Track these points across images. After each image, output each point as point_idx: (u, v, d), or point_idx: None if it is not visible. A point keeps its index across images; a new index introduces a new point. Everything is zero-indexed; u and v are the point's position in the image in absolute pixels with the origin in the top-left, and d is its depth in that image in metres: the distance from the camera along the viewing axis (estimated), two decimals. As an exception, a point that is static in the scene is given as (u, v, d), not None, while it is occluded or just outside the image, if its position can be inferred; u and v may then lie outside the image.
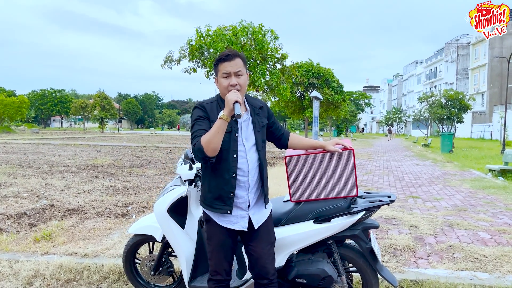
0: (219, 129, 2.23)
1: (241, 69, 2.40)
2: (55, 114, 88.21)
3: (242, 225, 2.48)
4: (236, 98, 2.23)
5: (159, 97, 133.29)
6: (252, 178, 2.46)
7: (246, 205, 2.47)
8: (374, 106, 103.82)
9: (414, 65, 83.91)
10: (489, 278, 3.66)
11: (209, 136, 2.24)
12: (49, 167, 11.83)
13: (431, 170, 12.77)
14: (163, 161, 14.75)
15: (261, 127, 2.51)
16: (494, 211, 6.40)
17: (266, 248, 2.53)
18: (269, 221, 2.61)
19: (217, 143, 2.25)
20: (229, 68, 2.37)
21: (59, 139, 32.36)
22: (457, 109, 29.61)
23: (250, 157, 2.44)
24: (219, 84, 2.44)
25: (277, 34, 14.68)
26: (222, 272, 2.57)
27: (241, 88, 2.40)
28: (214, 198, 2.45)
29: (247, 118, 2.48)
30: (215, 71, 2.47)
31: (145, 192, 7.99)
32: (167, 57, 14.64)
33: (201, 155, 2.28)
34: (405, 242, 4.57)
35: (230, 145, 2.38)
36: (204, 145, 2.24)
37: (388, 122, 72.55)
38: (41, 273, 3.83)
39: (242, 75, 2.41)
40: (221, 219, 2.50)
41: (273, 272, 2.55)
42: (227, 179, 2.40)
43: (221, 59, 2.40)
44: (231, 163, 2.39)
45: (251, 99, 2.61)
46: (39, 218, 5.69)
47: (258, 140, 2.47)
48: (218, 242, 2.54)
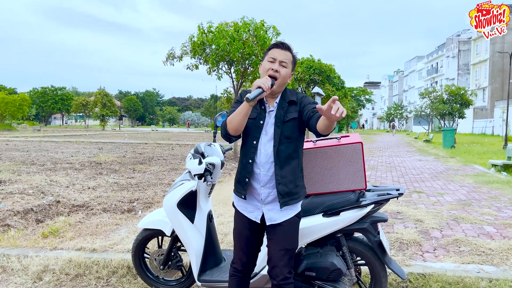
0: (241, 110, 2.28)
1: (288, 62, 2.41)
2: (56, 112, 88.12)
3: (255, 216, 2.48)
4: (262, 84, 2.21)
5: (159, 94, 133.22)
6: (266, 173, 2.39)
7: (259, 198, 2.44)
8: (375, 102, 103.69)
9: (415, 61, 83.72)
10: (495, 271, 3.68)
11: (233, 115, 2.33)
12: (53, 164, 11.86)
13: (433, 166, 12.78)
14: (166, 158, 14.78)
15: (283, 122, 2.40)
16: (499, 205, 6.42)
17: (279, 252, 2.44)
18: (289, 225, 2.46)
19: (237, 123, 2.31)
20: (277, 54, 2.39)
21: (60, 136, 32.40)
22: (458, 104, 29.57)
23: (265, 150, 2.40)
24: (262, 67, 2.44)
25: (279, 30, 14.69)
26: (238, 261, 2.59)
27: (279, 78, 2.37)
28: (237, 181, 2.52)
29: (272, 111, 2.45)
30: (264, 56, 2.48)
31: (150, 188, 8.01)
32: (169, 53, 14.62)
33: (224, 132, 2.41)
34: (411, 236, 4.59)
35: (251, 131, 2.41)
36: (228, 122, 2.37)
37: (389, 118, 72.48)
38: (50, 268, 3.86)
39: (286, 68, 2.40)
40: (240, 204, 2.54)
41: (283, 277, 2.43)
42: (244, 163, 2.45)
43: (274, 45, 2.44)
44: (250, 148, 2.42)
45: (289, 93, 2.51)
46: (46, 214, 5.72)
47: (276, 135, 2.38)
48: (237, 230, 2.59)
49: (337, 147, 2.90)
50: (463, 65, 58.77)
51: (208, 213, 3.37)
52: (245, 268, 2.60)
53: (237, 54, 13.26)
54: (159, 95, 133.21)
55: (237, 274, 2.60)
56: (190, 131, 61.33)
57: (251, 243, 2.56)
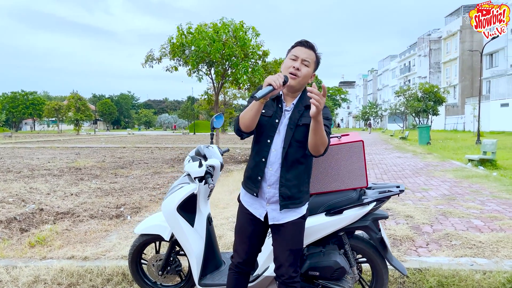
0: (252, 107, 2.24)
1: (311, 61, 2.34)
2: (27, 117, 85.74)
3: (260, 213, 2.46)
4: (273, 81, 2.12)
5: (135, 97, 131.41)
6: (274, 173, 2.37)
7: (265, 196, 2.42)
8: (350, 101, 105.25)
9: (389, 60, 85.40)
10: (488, 263, 3.77)
11: (244, 111, 2.30)
12: (30, 171, 11.50)
13: (413, 162, 13.05)
14: (147, 162, 14.56)
15: (296, 125, 2.33)
16: (482, 199, 6.60)
17: (283, 253, 2.45)
18: (294, 227, 2.44)
19: (248, 120, 2.27)
20: (300, 52, 2.33)
21: (34, 142, 31.48)
22: (432, 102, 30.34)
23: (276, 150, 2.36)
24: (284, 65, 2.37)
25: (258, 31, 14.72)
26: (236, 256, 2.57)
27: (301, 77, 2.32)
28: (247, 178, 2.49)
29: (288, 111, 2.39)
30: (287, 54, 2.42)
31: (135, 192, 7.87)
32: (148, 55, 14.43)
33: (237, 127, 2.38)
34: (403, 232, 4.66)
35: (265, 129, 2.36)
36: (240, 117, 2.33)
37: (364, 116, 73.68)
38: (41, 278, 3.72)
39: (308, 67, 2.33)
40: (246, 200, 2.51)
41: (288, 276, 2.45)
42: (257, 161, 2.41)
43: (299, 42, 2.38)
44: (263, 147, 2.38)
45: (307, 97, 2.36)
46: (30, 223, 5.53)
47: (287, 137, 2.33)
48: (239, 224, 2.56)
49: (338, 145, 2.90)
50: (434, 64, 60.29)
51: (207, 216, 3.33)
52: (244, 265, 2.57)
53: (217, 55, 13.21)
54: (134, 98, 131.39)
55: (235, 269, 2.59)
56: (168, 134, 60.66)
57: (252, 240, 2.53)
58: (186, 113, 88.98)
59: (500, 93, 39.20)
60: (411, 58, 69.62)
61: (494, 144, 11.61)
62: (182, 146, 25.09)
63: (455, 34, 53.19)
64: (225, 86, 15.71)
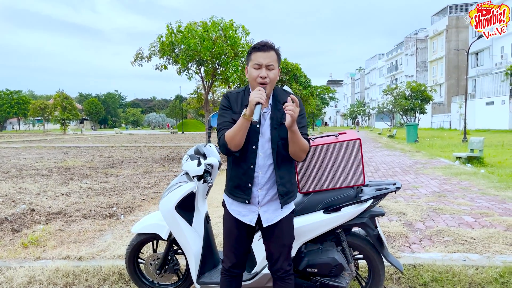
0: (241, 127, 2.21)
1: (274, 63, 2.32)
2: (11, 116, 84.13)
3: (250, 219, 2.45)
4: (259, 98, 2.14)
5: (122, 96, 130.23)
6: (263, 175, 2.39)
7: (256, 201, 2.42)
8: (338, 100, 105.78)
9: (376, 59, 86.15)
10: (480, 258, 3.85)
11: (231, 133, 2.24)
12: (18, 171, 11.34)
13: (402, 160, 13.20)
14: (136, 161, 14.47)
15: (279, 124, 2.36)
16: (471, 195, 6.71)
17: (278, 249, 2.50)
18: (286, 223, 2.50)
19: (240, 141, 2.25)
20: (262, 59, 2.29)
21: (19, 142, 31.01)
22: (419, 100, 30.70)
23: (263, 153, 2.37)
24: (249, 74, 2.36)
25: (248, 29, 14.73)
26: (227, 261, 2.57)
27: (270, 82, 2.32)
28: (234, 187, 2.45)
29: (266, 113, 2.39)
30: (247, 60, 2.40)
31: (126, 192, 7.82)
32: (137, 54, 14.33)
33: (225, 151, 2.31)
34: (396, 229, 4.73)
35: (250, 136, 2.33)
36: (227, 141, 2.26)
37: (352, 115, 74.19)
38: (36, 279, 3.69)
39: (274, 69, 2.32)
40: (233, 209, 2.48)
41: (285, 270, 2.51)
42: (245, 169, 2.38)
43: (255, 48, 2.32)
44: (250, 154, 2.36)
45: (280, 92, 2.45)
46: (22, 223, 5.46)
47: (273, 137, 2.36)
48: (227, 230, 2.55)
49: (336, 144, 2.93)
50: (421, 63, 61.01)
51: (205, 215, 3.33)
52: (235, 268, 2.58)
53: (207, 53, 13.17)
54: (122, 97, 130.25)
55: (227, 273, 2.60)
56: (156, 133, 60.29)
57: (242, 244, 2.54)
58: (174, 112, 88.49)
59: (486, 91, 39.86)
60: (398, 57, 70.34)
61: (481, 142, 11.80)
62: (171, 145, 24.96)
63: (441, 33, 53.89)
64: (215, 84, 15.67)
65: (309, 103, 32.97)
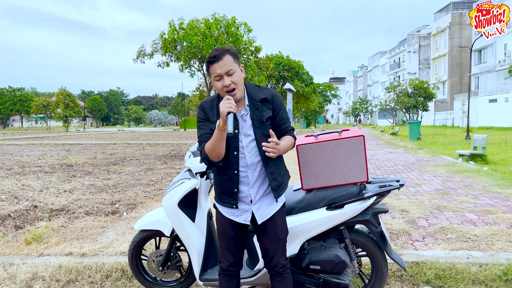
0: (218, 139, 2.21)
1: (232, 67, 2.29)
2: (14, 114, 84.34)
3: (244, 219, 2.47)
4: (229, 108, 2.14)
5: (124, 93, 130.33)
6: (253, 174, 2.40)
7: (248, 200, 2.44)
8: (341, 97, 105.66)
9: (378, 56, 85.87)
10: (484, 256, 3.83)
11: (210, 145, 2.25)
12: (21, 168, 11.37)
13: (405, 157, 13.17)
14: (139, 158, 14.48)
15: (261, 122, 2.38)
16: (474, 193, 6.69)
17: (273, 244, 2.52)
18: (279, 216, 2.52)
19: (220, 151, 2.27)
20: (219, 69, 2.27)
21: (22, 139, 31.09)
22: (422, 97, 30.60)
23: (249, 153, 2.38)
24: (216, 87, 2.35)
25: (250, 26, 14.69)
26: (224, 260, 2.58)
27: (236, 85, 2.31)
28: (221, 193, 2.46)
29: (245, 114, 2.40)
30: (208, 73, 2.39)
31: (129, 189, 7.83)
32: (139, 51, 14.32)
33: (207, 162, 2.34)
34: (399, 226, 4.71)
35: (230, 143, 2.34)
36: (208, 153, 2.29)
37: (354, 112, 74.06)
38: (39, 275, 3.70)
39: (235, 72, 2.30)
40: (226, 210, 2.50)
41: (282, 264, 2.54)
42: (229, 175, 2.39)
43: (209, 62, 2.31)
44: (232, 160, 2.37)
45: (254, 91, 2.45)
46: (25, 220, 5.48)
47: (257, 136, 2.37)
48: (221, 230, 2.56)
49: (339, 140, 2.92)
50: (423, 60, 60.80)
51: (208, 211, 3.33)
52: (233, 267, 2.60)
53: (210, 50, 13.14)
54: (124, 94, 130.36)
55: (225, 273, 2.61)
56: (158, 130, 60.37)
57: (237, 242, 2.56)
58: (176, 109, 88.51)
59: (489, 89, 39.72)
60: (400, 54, 70.10)
61: (484, 139, 11.76)
62: (173, 142, 24.99)
63: (444, 30, 53.67)
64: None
65: (311, 100, 33.03)
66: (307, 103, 32.88)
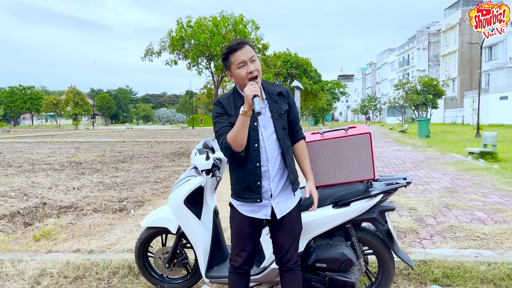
0: (242, 125, 2.22)
1: (253, 54, 2.36)
2: (25, 112, 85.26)
3: (264, 214, 2.47)
4: (255, 92, 2.17)
5: (133, 91, 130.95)
6: (273, 167, 2.41)
7: (268, 195, 2.43)
8: (349, 94, 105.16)
9: (387, 53, 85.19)
10: (492, 254, 3.79)
11: (233, 133, 2.25)
12: (30, 166, 11.49)
13: (413, 155, 13.07)
14: (147, 156, 14.56)
15: (279, 114, 2.42)
16: (484, 191, 6.62)
17: (289, 239, 2.52)
18: (295, 211, 2.54)
19: (243, 139, 2.26)
20: (243, 56, 2.31)
21: (32, 137, 31.41)
22: (431, 95, 30.33)
23: (270, 146, 2.40)
24: (236, 76, 2.37)
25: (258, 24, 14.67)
26: (238, 259, 2.58)
27: (258, 73, 2.35)
28: (243, 189, 2.44)
29: (263, 106, 2.42)
30: (227, 65, 2.41)
31: (137, 186, 7.87)
32: (147, 49, 14.38)
33: (230, 152, 2.32)
34: (407, 224, 4.68)
35: (250, 135, 2.34)
36: (230, 142, 2.27)
37: (363, 110, 73.63)
38: (48, 271, 3.73)
39: (256, 60, 2.37)
40: (245, 208, 2.48)
41: (294, 261, 2.55)
42: (251, 169, 2.39)
43: (232, 50, 2.34)
44: (253, 152, 2.37)
45: (268, 85, 2.51)
46: (34, 217, 5.53)
47: (277, 128, 2.41)
48: (238, 230, 2.54)
49: (346, 138, 2.90)
50: (433, 57, 60.19)
51: (214, 209, 3.33)
52: (246, 265, 2.59)
53: (217, 48, 13.16)
54: (132, 92, 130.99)
55: (237, 271, 2.60)
56: (167, 128, 60.62)
57: (253, 240, 2.56)
58: (185, 107, 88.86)
59: (499, 86, 39.23)
60: (410, 51, 69.49)
61: (494, 137, 11.62)
62: (181, 140, 25.08)
63: (454, 27, 53.06)
64: (225, 79, 15.65)
65: (319, 98, 32.92)
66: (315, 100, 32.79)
